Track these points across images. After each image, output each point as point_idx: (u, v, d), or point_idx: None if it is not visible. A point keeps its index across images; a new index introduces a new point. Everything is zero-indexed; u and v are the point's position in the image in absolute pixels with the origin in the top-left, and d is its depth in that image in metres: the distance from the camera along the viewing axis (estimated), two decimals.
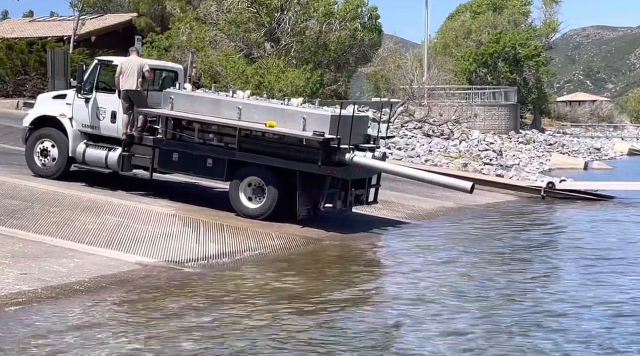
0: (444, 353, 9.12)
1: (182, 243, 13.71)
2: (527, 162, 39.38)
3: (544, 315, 11.10)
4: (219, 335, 9.36)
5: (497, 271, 14.15)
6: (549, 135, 60.92)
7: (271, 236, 15.06)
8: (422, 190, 22.34)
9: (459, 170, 29.97)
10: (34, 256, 11.72)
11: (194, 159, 16.41)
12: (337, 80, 49.80)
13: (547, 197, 25.46)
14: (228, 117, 16.20)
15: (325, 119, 15.70)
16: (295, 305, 10.91)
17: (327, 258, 14.42)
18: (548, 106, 75.46)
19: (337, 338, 9.56)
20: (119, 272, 11.65)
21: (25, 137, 17.86)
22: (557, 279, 14.04)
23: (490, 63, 63.19)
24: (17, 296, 9.97)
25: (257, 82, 37.15)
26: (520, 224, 20.88)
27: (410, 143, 36.28)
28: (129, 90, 16.67)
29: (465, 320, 10.65)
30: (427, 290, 12.35)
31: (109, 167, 17.15)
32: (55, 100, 17.90)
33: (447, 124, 43.51)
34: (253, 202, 16.16)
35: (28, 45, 39.15)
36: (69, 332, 9.09)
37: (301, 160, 15.75)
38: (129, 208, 15.56)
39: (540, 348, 9.48)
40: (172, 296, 10.91)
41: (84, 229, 13.58)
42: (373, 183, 17.38)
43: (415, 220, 19.08)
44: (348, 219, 17.22)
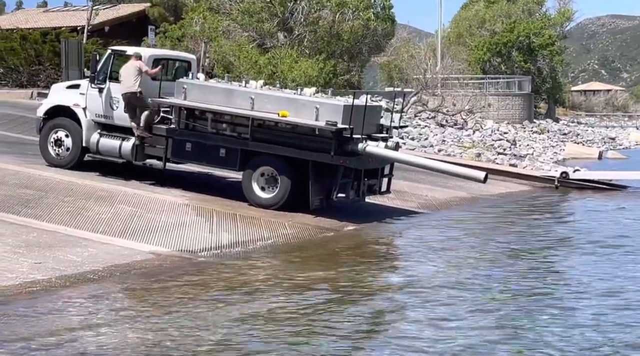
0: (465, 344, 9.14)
1: (195, 233, 13.75)
2: (540, 151, 39.23)
3: (558, 308, 11.09)
4: (232, 322, 9.39)
5: (510, 261, 14.14)
6: (563, 125, 60.67)
7: (284, 225, 15.08)
8: (435, 180, 22.31)
9: (472, 159, 29.88)
10: (48, 245, 11.79)
11: (206, 149, 16.43)
12: (350, 70, 49.69)
13: (560, 187, 25.36)
14: (241, 106, 16.22)
15: (338, 109, 15.69)
16: (308, 293, 10.94)
17: (339, 248, 14.43)
18: (562, 95, 75.12)
19: (349, 325, 9.58)
20: (133, 261, 11.71)
21: (39, 127, 17.93)
22: (570, 269, 14.00)
23: (504, 52, 62.93)
24: (31, 285, 10.04)
25: (270, 72, 37.15)
26: (533, 214, 20.83)
27: (423, 133, 36.20)
28: (126, 93, 16.66)
29: (480, 310, 10.65)
30: (440, 279, 12.35)
31: (123, 157, 17.20)
32: (68, 90, 17.95)
33: (461, 114, 43.38)
34: (266, 191, 16.18)
35: (42, 35, 39.26)
36: (83, 321, 9.15)
37: (314, 149, 15.75)
38: (142, 198, 15.61)
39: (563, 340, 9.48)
40: (185, 285, 10.95)
41: (97, 218, 13.64)
42: (386, 173, 17.36)
43: (428, 209, 19.07)
44: (361, 209, 17.23)
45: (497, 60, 62.90)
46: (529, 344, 9.17)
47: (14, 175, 15.92)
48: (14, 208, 13.57)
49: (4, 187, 14.86)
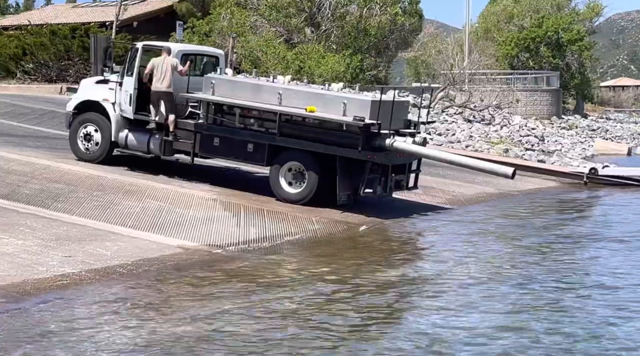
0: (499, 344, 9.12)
1: (223, 227, 13.81)
2: (569, 147, 38.94)
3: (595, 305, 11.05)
4: (259, 317, 9.43)
5: (541, 257, 14.08)
6: (592, 121, 60.15)
7: (311, 221, 15.11)
8: (463, 176, 22.24)
9: (500, 155, 29.75)
10: (78, 239, 11.90)
11: (234, 144, 16.49)
12: (377, 65, 49.60)
13: (589, 183, 25.18)
14: (268, 101, 16.25)
15: (366, 104, 15.69)
16: (335, 288, 10.96)
17: (367, 243, 14.43)
18: (591, 91, 74.44)
19: (379, 321, 9.60)
20: (161, 255, 11.78)
21: (68, 122, 18.07)
22: (601, 266, 13.91)
23: (532, 47, 62.48)
24: (62, 278, 10.14)
25: (297, 67, 37.14)
26: (562, 210, 20.71)
27: (451, 129, 36.08)
28: (158, 91, 16.73)
29: (512, 306, 10.63)
30: (470, 275, 12.32)
31: (151, 152, 17.31)
32: (98, 85, 18.07)
33: (488, 109, 43.18)
34: (293, 186, 16.21)
35: (71, 31, 39.52)
36: (111, 314, 9.24)
37: (341, 145, 15.76)
38: (171, 192, 15.70)
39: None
40: (213, 279, 11.01)
41: (126, 212, 13.74)
42: (413, 169, 17.33)
43: (456, 205, 19.01)
44: (388, 204, 17.22)
45: (525, 55, 62.46)
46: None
47: (44, 170, 16.06)
48: (45, 202, 13.71)
49: (35, 181, 15.01)
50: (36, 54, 38.27)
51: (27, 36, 39.72)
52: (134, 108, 17.08)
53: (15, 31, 43.44)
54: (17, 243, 11.27)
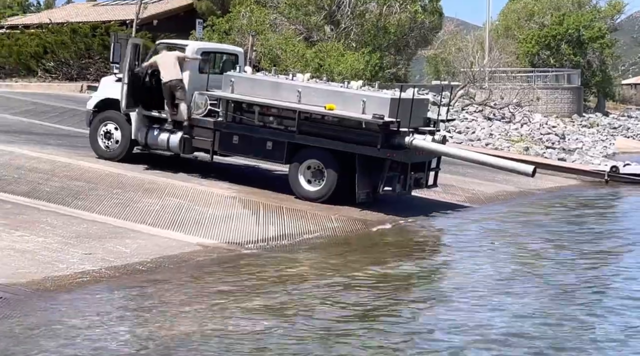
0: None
1: (242, 225, 13.83)
2: (590, 145, 38.70)
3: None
4: (280, 314, 9.44)
5: (562, 257, 14.02)
6: (613, 118, 59.72)
7: (330, 219, 15.10)
8: (483, 174, 22.16)
9: (520, 153, 29.61)
10: (98, 236, 11.95)
11: (253, 141, 16.50)
12: (397, 63, 49.45)
13: (610, 181, 25.03)
14: (287, 99, 16.25)
15: (385, 102, 15.65)
16: (355, 287, 10.95)
17: (386, 241, 14.41)
18: (612, 89, 73.89)
19: (396, 321, 9.58)
20: (181, 253, 11.81)
21: (89, 120, 18.14)
22: (625, 265, 13.82)
23: (553, 45, 62.12)
24: (82, 276, 10.19)
25: (317, 65, 37.13)
26: (583, 208, 20.59)
27: (471, 127, 35.95)
28: (167, 82, 16.79)
29: (531, 307, 10.58)
30: (490, 274, 12.29)
31: (171, 150, 17.35)
32: (118, 83, 18.11)
33: (508, 107, 42.98)
34: (312, 184, 16.20)
35: (91, 29, 39.70)
36: (132, 311, 9.27)
37: (360, 143, 15.73)
38: (190, 190, 15.74)
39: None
40: (232, 277, 11.03)
41: (146, 210, 13.78)
42: (432, 167, 17.27)
43: (476, 203, 18.95)
44: (407, 202, 17.17)
45: (546, 53, 62.12)
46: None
47: (64, 168, 16.14)
48: (65, 199, 13.77)
49: (55, 179, 15.09)
50: (57, 52, 38.47)
51: (48, 34, 39.94)
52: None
53: (36, 29, 43.67)
54: (38, 241, 11.33)
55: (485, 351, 8.54)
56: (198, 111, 16.94)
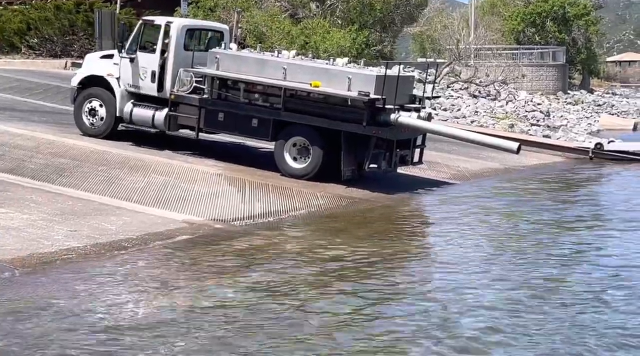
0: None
1: (228, 202, 13.83)
2: (574, 122, 38.80)
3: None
4: (265, 291, 9.47)
5: (544, 234, 14.11)
6: (598, 96, 59.90)
7: (316, 196, 15.12)
8: (468, 151, 22.21)
9: (505, 130, 29.68)
10: (83, 213, 11.92)
11: (239, 119, 16.48)
12: (383, 41, 49.33)
13: (595, 158, 25.16)
14: (273, 76, 16.22)
15: (370, 79, 15.64)
16: (340, 263, 10.99)
17: (372, 218, 14.45)
18: (597, 66, 74.10)
19: (382, 296, 9.64)
20: (166, 230, 11.81)
21: (73, 97, 18.06)
22: (607, 241, 13.92)
23: (538, 22, 62.13)
24: (67, 252, 10.18)
25: (302, 42, 36.99)
26: (567, 185, 20.71)
27: (456, 104, 35.97)
28: None
29: (512, 282, 10.66)
30: (474, 250, 12.36)
31: (156, 127, 17.30)
32: (102, 60, 18.04)
33: (494, 84, 43.02)
34: (298, 161, 16.21)
35: (75, 6, 39.35)
36: (115, 287, 9.28)
37: (346, 120, 15.74)
38: (175, 167, 15.72)
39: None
40: (218, 254, 11.05)
41: (131, 187, 13.76)
42: (418, 144, 17.30)
43: (461, 180, 19.01)
44: (393, 179, 17.21)
45: (531, 30, 62.12)
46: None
47: (49, 145, 16.07)
48: (50, 177, 13.73)
49: (40, 156, 15.03)
50: (40, 29, 38.13)
51: (31, 11, 39.56)
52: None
53: (19, 6, 43.25)
54: (23, 218, 11.30)
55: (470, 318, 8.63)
56: (183, 88, 16.88)
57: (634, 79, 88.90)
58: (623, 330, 8.72)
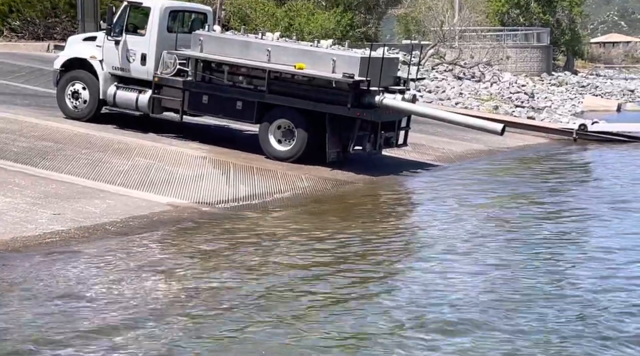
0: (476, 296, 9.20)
1: (213, 185, 13.81)
2: (559, 104, 38.93)
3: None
4: (250, 273, 9.48)
5: (529, 214, 14.16)
6: (582, 77, 60.12)
7: (300, 178, 15.12)
8: (452, 133, 22.24)
9: (490, 112, 29.71)
10: (67, 197, 11.88)
11: (223, 101, 16.43)
12: (367, 22, 49.26)
13: (579, 139, 25.24)
14: (257, 59, 16.16)
15: (355, 61, 15.61)
16: (325, 246, 11.00)
17: (356, 200, 14.46)
18: (581, 47, 74.35)
19: (367, 275, 9.67)
20: (150, 213, 11.78)
21: (55, 79, 17.94)
22: (591, 222, 14.00)
23: (523, 3, 62.19)
24: (51, 236, 10.14)
25: (287, 24, 36.92)
26: (551, 166, 20.77)
27: (441, 86, 35.98)
28: None
29: (497, 266, 10.71)
30: (458, 231, 12.40)
31: (140, 109, 17.22)
32: (85, 42, 17.92)
33: (478, 66, 43.06)
34: (282, 144, 16.19)
35: None
36: (99, 271, 9.26)
37: (330, 102, 15.72)
38: (160, 150, 15.67)
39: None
40: (203, 237, 11.03)
41: (115, 170, 13.71)
42: (402, 126, 17.30)
43: (445, 162, 19.05)
44: (377, 161, 17.22)
45: (516, 11, 62.19)
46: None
47: (32, 128, 15.98)
48: (33, 160, 13.65)
49: (22, 139, 14.94)
50: (22, 11, 37.82)
51: None
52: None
53: None
54: (6, 201, 11.24)
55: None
56: (167, 70, 16.80)
57: (618, 60, 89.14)
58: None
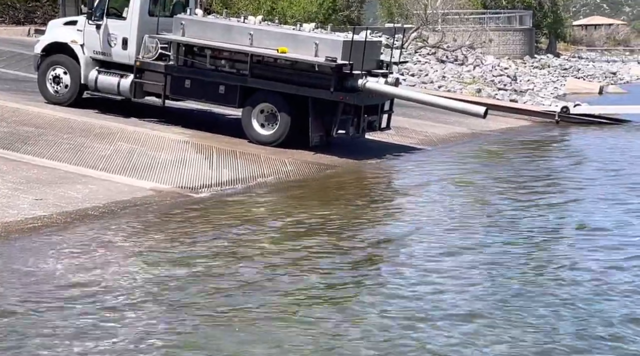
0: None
1: (196, 170, 13.77)
2: (541, 86, 39.05)
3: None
4: (233, 258, 9.48)
5: (510, 197, 14.22)
6: (564, 60, 60.27)
7: (284, 162, 15.10)
8: (435, 116, 22.27)
9: (473, 95, 29.77)
10: (48, 182, 11.81)
11: (205, 85, 16.36)
12: (350, 6, 49.16)
13: (561, 122, 25.36)
14: (240, 42, 16.10)
15: (337, 44, 15.58)
16: (307, 228, 11.01)
17: (340, 184, 14.47)
18: (563, 30, 74.47)
19: (348, 256, 9.69)
20: (133, 198, 11.74)
21: (37, 64, 17.81)
22: (572, 202, 14.07)
23: None
24: (33, 221, 10.09)
25: (269, 8, 36.78)
26: (534, 149, 20.87)
27: (424, 69, 35.99)
28: None
29: (479, 249, 10.75)
30: (439, 214, 12.43)
31: (121, 94, 17.13)
32: (66, 27, 17.79)
33: (461, 49, 43.07)
34: (265, 128, 16.15)
35: None
36: (82, 255, 9.22)
37: (313, 86, 15.69)
38: (142, 135, 15.60)
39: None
40: (186, 221, 11.01)
41: (97, 155, 13.65)
42: (386, 109, 17.29)
43: (428, 145, 19.07)
44: (361, 145, 17.22)
45: None
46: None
47: (13, 113, 15.87)
48: (14, 145, 13.56)
49: (4, 124, 14.83)
50: None
51: None
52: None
53: None
54: None
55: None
56: (148, 55, 16.70)
57: (600, 43, 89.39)
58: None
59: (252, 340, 7.11)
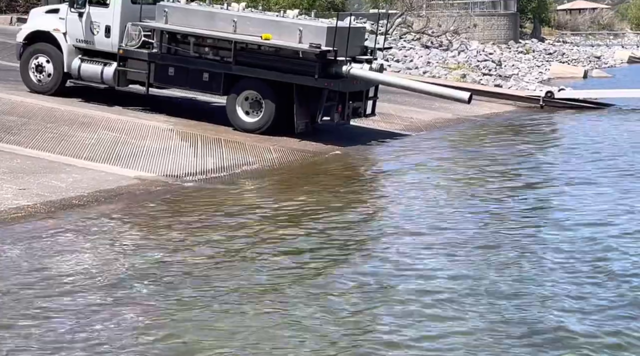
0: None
1: (180, 158, 13.73)
2: (526, 71, 39.10)
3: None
4: (219, 245, 9.47)
5: (495, 183, 14.26)
6: (549, 44, 60.33)
7: (269, 149, 15.07)
8: (420, 102, 22.27)
9: (458, 81, 29.78)
10: (32, 171, 11.76)
11: (189, 73, 16.30)
12: None
13: (545, 106, 25.42)
14: (223, 29, 16.04)
15: (322, 31, 15.54)
16: (293, 215, 11.02)
17: (325, 171, 14.46)
18: (548, 14, 74.49)
19: (333, 245, 9.70)
20: (118, 187, 11.70)
21: (19, 53, 17.69)
22: (558, 187, 14.14)
23: None
24: (17, 211, 10.04)
25: None
26: (518, 133, 20.91)
27: (408, 55, 35.96)
28: None
29: (463, 230, 10.79)
30: (424, 200, 12.46)
31: (105, 82, 17.04)
32: (48, 15, 17.67)
33: (446, 35, 43.06)
34: (250, 115, 16.12)
35: None
36: (67, 245, 9.19)
37: (297, 72, 15.65)
38: (126, 123, 15.54)
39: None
40: (171, 210, 10.99)
41: (81, 144, 13.58)
42: (370, 96, 17.29)
43: (413, 131, 19.09)
44: (346, 132, 17.21)
45: None
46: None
47: None
48: None
49: None
50: None
51: None
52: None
53: None
54: None
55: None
56: (131, 42, 16.62)
57: (584, 27, 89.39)
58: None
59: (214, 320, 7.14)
